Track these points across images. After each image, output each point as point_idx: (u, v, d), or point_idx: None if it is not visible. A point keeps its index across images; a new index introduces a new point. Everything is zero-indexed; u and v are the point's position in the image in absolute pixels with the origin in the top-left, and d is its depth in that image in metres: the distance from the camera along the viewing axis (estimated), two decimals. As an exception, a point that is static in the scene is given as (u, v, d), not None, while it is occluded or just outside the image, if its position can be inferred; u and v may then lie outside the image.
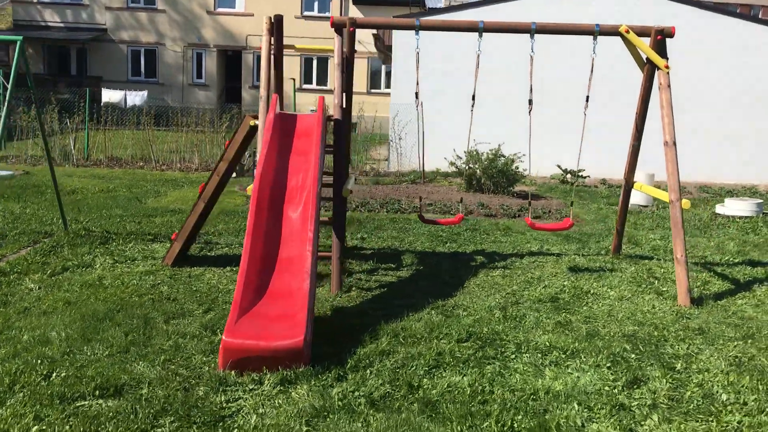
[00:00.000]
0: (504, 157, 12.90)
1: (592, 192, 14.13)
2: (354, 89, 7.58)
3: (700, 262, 8.24)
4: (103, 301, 5.88)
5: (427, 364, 4.72)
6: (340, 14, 31.32)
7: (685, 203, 6.63)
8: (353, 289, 6.54)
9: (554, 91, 15.84)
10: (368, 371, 4.56)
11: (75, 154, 15.99)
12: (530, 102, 7.15)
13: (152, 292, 6.21)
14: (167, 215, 9.92)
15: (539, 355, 5.00)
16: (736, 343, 5.38)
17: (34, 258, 7.18)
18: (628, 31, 6.93)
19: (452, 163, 13.47)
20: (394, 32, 16.81)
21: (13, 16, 33.92)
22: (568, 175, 15.22)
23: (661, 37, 6.94)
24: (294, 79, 21.63)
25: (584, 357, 4.96)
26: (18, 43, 7.03)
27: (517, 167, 13.07)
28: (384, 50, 17.84)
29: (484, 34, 6.94)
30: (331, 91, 32.55)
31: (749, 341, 5.43)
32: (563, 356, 4.98)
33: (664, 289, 6.89)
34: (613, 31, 7.04)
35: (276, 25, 7.02)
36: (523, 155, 13.05)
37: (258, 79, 33.20)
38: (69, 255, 7.38)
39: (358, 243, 8.67)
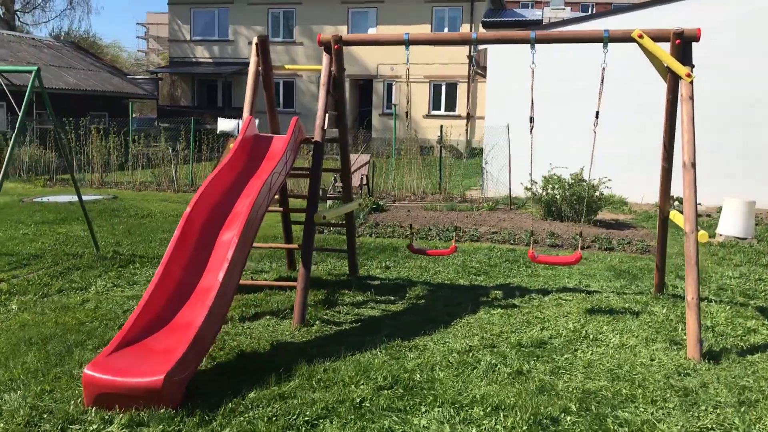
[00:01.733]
0: (584, 182, 11.82)
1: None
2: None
3: (741, 301, 6.94)
4: (58, 325, 5.87)
5: (314, 415, 4.18)
6: (469, 39, 30.95)
7: (702, 236, 5.54)
8: (317, 322, 6.08)
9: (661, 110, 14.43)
10: (242, 418, 4.11)
11: (179, 180, 16.78)
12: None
13: (115, 317, 6.14)
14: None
15: (454, 410, 4.28)
16: (720, 411, 4.33)
17: (42, 278, 7.41)
18: (642, 36, 5.98)
19: (528, 189, 12.56)
20: (489, 53, 16.15)
21: (170, 54, 36.81)
22: (676, 203, 13.69)
23: (680, 42, 5.91)
24: (396, 105, 21.43)
25: (504, 416, 4.18)
26: (33, 72, 7.37)
27: (601, 193, 11.91)
28: (480, 71, 17.17)
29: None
30: (458, 117, 32.43)
31: (742, 408, 4.36)
32: (482, 413, 4.23)
33: (684, 337, 5.79)
34: (625, 37, 6.12)
35: (261, 46, 6.81)
36: (609, 180, 11.92)
37: (388, 107, 33.84)
38: (76, 277, 7.54)
39: (380, 272, 8.18)
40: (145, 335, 4.59)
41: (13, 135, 7.67)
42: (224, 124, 20.72)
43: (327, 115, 6.56)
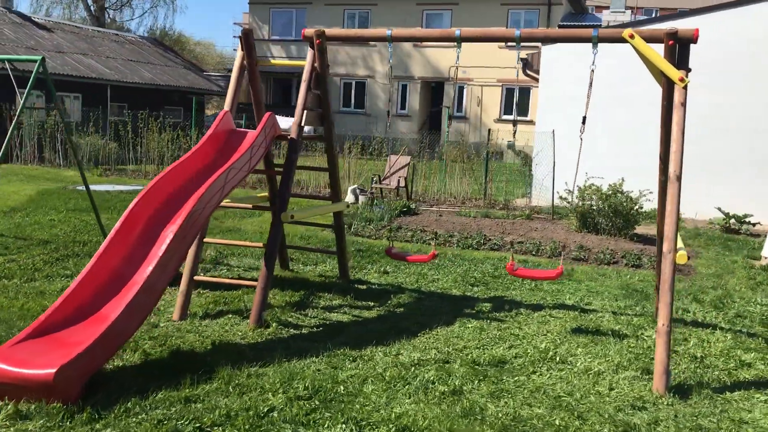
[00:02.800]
0: (621, 193, 11.14)
1: (745, 243, 11.63)
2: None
3: (755, 331, 6.27)
4: (21, 310, 5.91)
5: (209, 422, 3.98)
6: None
7: (681, 257, 5.01)
8: (275, 325, 5.88)
9: (714, 118, 13.57)
10: (133, 420, 3.96)
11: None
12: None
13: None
14: (226, 235, 9.95)
15: (358, 428, 3.99)
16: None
17: (35, 263, 7.54)
18: (633, 36, 5.47)
19: (563, 198, 11.96)
20: (543, 55, 15.56)
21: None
22: (731, 221, 12.78)
23: (673, 42, 5.38)
24: (448, 107, 20.99)
25: (406, 440, 3.86)
26: (38, 61, 7.52)
27: (641, 206, 11.20)
28: (533, 74, 16.60)
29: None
30: (531, 122, 31.58)
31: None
32: (384, 434, 3.93)
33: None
34: (615, 37, 5.63)
35: (245, 39, 6.67)
36: (650, 192, 11.18)
37: (459, 109, 33.39)
38: (70, 264, 7.64)
39: (376, 277, 7.92)
40: (61, 327, 4.51)
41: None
42: (282, 122, 20.86)
43: (306, 112, 6.35)
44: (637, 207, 11.16)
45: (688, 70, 5.42)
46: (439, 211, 13.66)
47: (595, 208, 11.35)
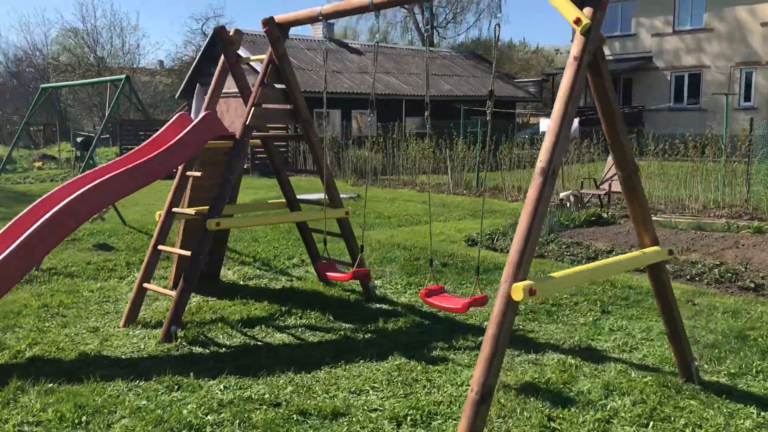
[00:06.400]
0: None
1: None
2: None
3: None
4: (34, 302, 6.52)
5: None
6: None
7: (516, 290, 3.26)
8: (183, 342, 5.44)
9: None
10: None
11: (466, 182, 16.52)
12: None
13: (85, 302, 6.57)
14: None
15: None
16: None
17: (103, 263, 8.22)
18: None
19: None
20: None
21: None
22: None
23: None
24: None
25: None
26: (122, 81, 8.23)
27: None
28: None
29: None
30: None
31: None
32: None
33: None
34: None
35: (218, 36, 6.35)
36: None
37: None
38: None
39: (408, 297, 6.84)
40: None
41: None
42: (546, 125, 19.39)
43: (254, 109, 5.79)
44: None
45: (597, 7, 3.54)
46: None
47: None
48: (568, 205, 12.18)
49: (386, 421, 4.03)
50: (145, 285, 6.00)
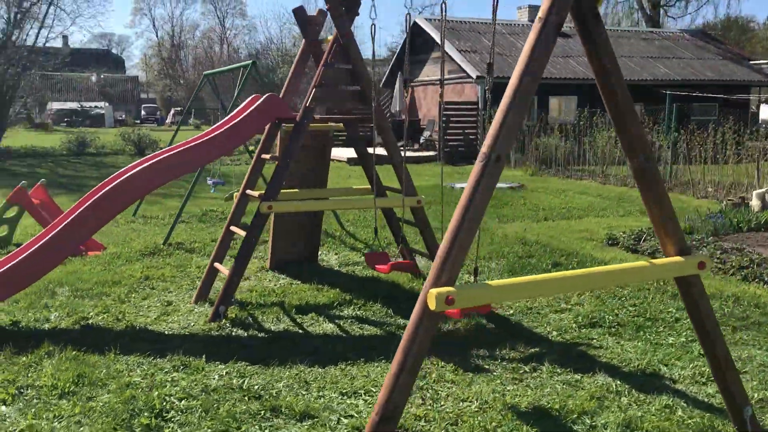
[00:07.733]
0: None
1: None
2: None
3: None
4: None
5: None
6: None
7: (430, 298, 2.73)
8: (227, 323, 5.45)
9: None
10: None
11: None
12: None
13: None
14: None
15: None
16: None
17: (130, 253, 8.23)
18: None
19: None
20: None
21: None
22: None
23: None
24: None
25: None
26: (249, 65, 8.45)
27: None
28: None
29: None
30: None
31: None
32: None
33: None
34: None
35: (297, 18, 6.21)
36: None
37: None
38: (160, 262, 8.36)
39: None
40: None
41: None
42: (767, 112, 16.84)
43: (315, 90, 5.60)
44: None
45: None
46: None
47: None
48: (750, 205, 10.45)
49: (350, 430, 3.67)
50: (216, 265, 6.12)
